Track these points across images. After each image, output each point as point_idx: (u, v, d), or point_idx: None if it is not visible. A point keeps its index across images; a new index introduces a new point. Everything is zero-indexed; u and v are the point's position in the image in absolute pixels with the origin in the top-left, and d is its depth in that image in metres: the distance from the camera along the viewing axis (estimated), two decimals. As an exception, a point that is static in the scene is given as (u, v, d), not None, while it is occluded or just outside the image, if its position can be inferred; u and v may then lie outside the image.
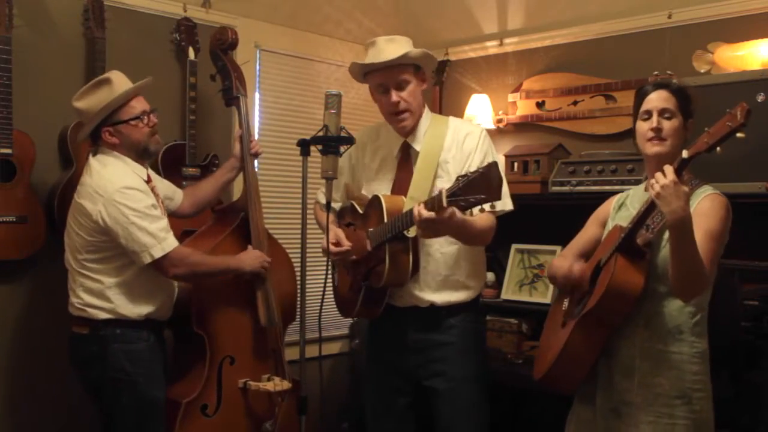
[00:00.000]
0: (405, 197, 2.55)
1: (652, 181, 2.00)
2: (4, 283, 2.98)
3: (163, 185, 2.91)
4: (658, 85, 2.27)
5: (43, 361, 3.05)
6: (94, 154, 2.67)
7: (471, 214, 2.18)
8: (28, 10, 2.99)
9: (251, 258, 2.91)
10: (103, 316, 2.60)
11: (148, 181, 2.71)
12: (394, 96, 2.56)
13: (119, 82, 2.63)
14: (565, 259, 2.44)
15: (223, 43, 3.17)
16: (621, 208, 2.37)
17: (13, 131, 2.80)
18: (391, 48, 2.54)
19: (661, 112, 2.22)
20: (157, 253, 2.56)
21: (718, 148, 1.95)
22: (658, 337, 2.16)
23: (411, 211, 2.32)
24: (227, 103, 3.22)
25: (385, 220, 2.47)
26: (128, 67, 3.15)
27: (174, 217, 2.97)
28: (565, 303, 2.41)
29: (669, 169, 1.98)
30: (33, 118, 2.94)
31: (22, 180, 2.87)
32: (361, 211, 2.67)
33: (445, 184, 2.38)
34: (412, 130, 2.64)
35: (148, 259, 2.56)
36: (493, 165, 2.12)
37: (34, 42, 3.01)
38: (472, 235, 2.49)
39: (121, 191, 2.54)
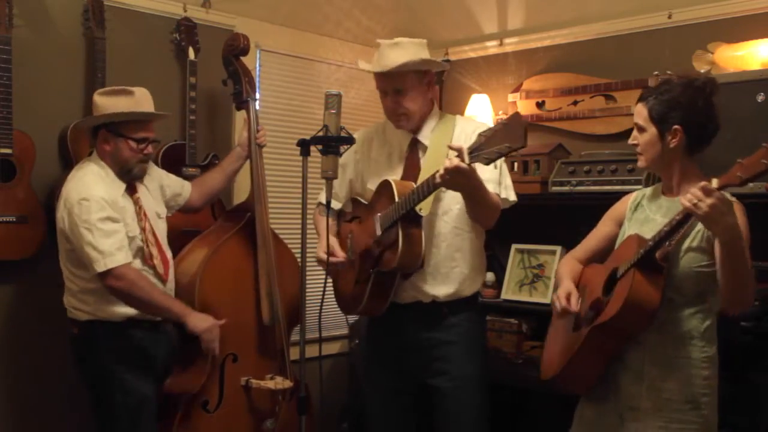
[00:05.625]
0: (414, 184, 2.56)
1: (686, 203, 1.89)
2: (4, 283, 2.98)
3: (171, 180, 2.95)
4: (639, 98, 2.25)
5: (43, 361, 3.05)
6: (89, 155, 2.74)
7: (495, 167, 2.18)
8: (28, 10, 2.99)
9: (201, 319, 2.76)
10: (85, 317, 2.66)
11: (133, 192, 2.73)
12: (392, 102, 2.61)
13: (141, 99, 2.69)
14: (567, 266, 2.43)
15: (235, 49, 3.23)
16: (637, 209, 2.34)
17: (13, 131, 2.81)
18: (393, 54, 2.57)
19: (636, 126, 2.23)
20: (100, 268, 2.56)
21: (750, 184, 1.84)
22: (669, 343, 2.15)
23: (426, 181, 2.34)
24: (238, 107, 3.28)
25: (396, 201, 2.46)
26: (128, 67, 3.17)
27: (184, 211, 3.03)
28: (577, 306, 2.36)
29: (710, 185, 1.84)
30: (33, 118, 2.94)
31: (22, 180, 2.87)
32: (366, 202, 2.67)
33: None
34: (417, 128, 2.67)
35: (94, 272, 2.58)
36: (516, 114, 2.14)
37: (34, 42, 3.01)
38: (485, 203, 2.48)
39: (79, 202, 2.57)
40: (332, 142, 2.40)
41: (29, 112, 2.93)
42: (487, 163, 2.19)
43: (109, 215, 2.59)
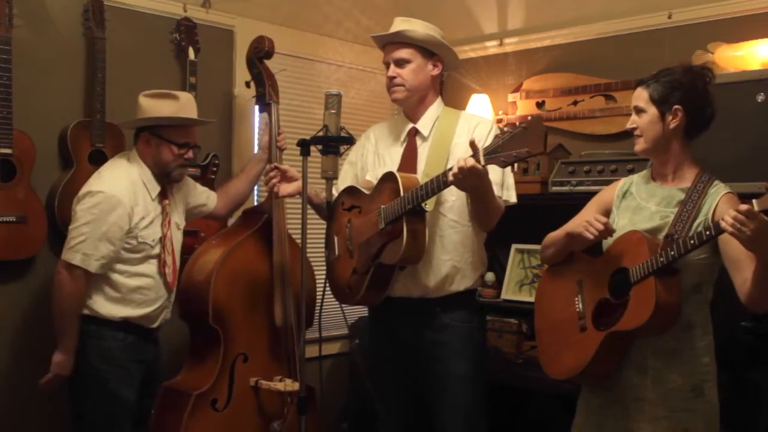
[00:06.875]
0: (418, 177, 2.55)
1: (728, 227, 1.86)
2: (4, 283, 2.98)
3: (197, 192, 2.99)
4: (638, 83, 2.27)
5: (43, 361, 3.04)
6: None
7: (512, 170, 2.20)
8: (28, 10, 2.98)
9: (62, 360, 2.67)
10: (86, 311, 2.66)
11: (164, 198, 2.75)
12: (391, 71, 2.65)
13: (186, 104, 2.72)
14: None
15: (260, 52, 3.23)
16: (626, 196, 2.34)
17: (13, 131, 2.81)
18: (400, 26, 2.64)
19: (635, 109, 2.24)
20: (64, 255, 2.59)
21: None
22: (670, 334, 2.16)
23: (437, 178, 2.34)
24: (261, 109, 3.28)
25: (402, 195, 2.45)
26: (128, 67, 3.17)
27: (208, 218, 3.09)
28: (579, 304, 2.33)
29: (753, 209, 1.82)
30: (33, 118, 2.94)
31: (22, 180, 2.87)
32: (367, 192, 2.66)
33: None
34: (417, 116, 2.68)
35: (63, 255, 2.60)
36: (537, 118, 2.15)
37: (34, 42, 3.01)
38: (490, 205, 2.50)
39: (92, 194, 2.59)
40: (332, 142, 2.41)
41: (29, 112, 2.93)
42: (504, 166, 2.19)
43: (113, 222, 2.58)
